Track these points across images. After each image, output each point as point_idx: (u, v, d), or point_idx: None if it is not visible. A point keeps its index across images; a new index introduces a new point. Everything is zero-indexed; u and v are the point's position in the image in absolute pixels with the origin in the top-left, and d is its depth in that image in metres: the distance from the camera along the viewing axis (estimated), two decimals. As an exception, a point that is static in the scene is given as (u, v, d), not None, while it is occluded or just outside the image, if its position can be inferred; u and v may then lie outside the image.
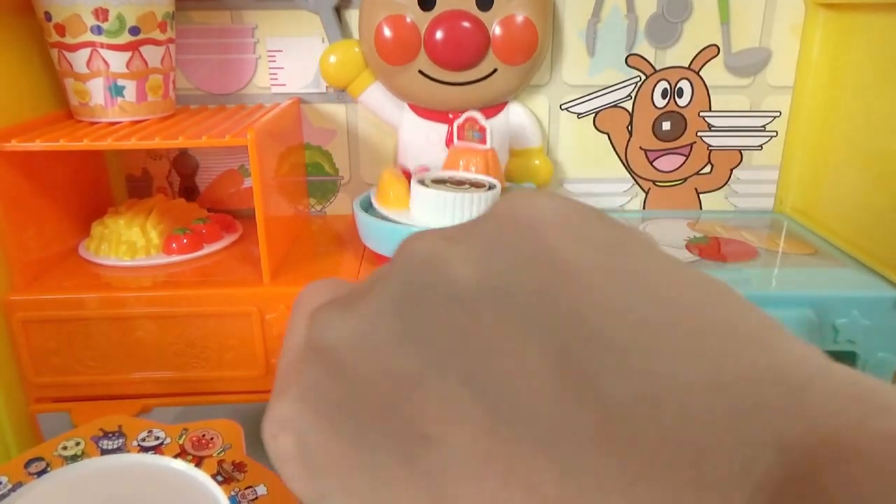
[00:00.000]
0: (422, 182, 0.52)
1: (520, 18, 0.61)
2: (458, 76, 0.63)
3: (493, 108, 0.66)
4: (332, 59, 0.64)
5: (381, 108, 0.66)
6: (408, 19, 0.61)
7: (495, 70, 0.63)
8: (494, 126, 0.66)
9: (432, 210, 0.51)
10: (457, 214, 0.50)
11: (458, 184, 0.53)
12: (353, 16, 0.64)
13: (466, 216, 0.50)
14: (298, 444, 0.14)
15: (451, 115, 0.65)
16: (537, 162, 0.68)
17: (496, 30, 0.61)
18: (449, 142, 0.66)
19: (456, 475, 0.11)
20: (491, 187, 0.51)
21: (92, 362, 0.54)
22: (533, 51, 0.62)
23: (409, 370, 0.12)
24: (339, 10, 0.64)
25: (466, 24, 0.60)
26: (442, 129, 0.66)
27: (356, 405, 0.13)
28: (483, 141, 0.55)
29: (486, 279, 0.12)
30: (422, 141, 0.66)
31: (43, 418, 0.54)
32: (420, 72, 0.63)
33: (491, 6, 0.61)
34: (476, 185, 0.52)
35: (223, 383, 0.55)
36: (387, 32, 0.61)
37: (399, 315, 0.13)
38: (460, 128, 0.56)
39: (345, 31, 0.65)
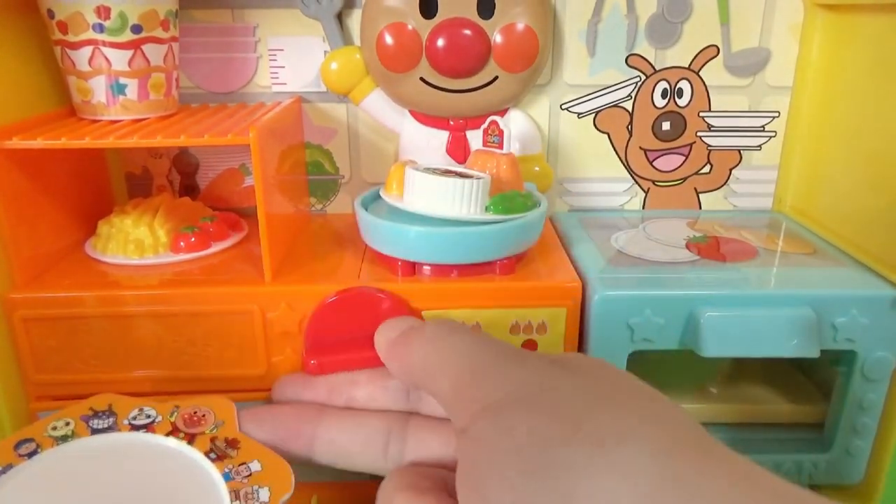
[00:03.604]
0: (415, 169, 0.53)
1: (521, 26, 0.61)
2: (460, 83, 0.63)
3: (493, 114, 0.66)
4: (334, 65, 0.64)
5: (382, 114, 0.66)
6: (409, 27, 0.61)
7: (496, 77, 0.63)
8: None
9: (421, 193, 0.52)
10: (442, 198, 0.51)
11: (458, 174, 0.53)
12: (354, 22, 0.64)
13: (456, 201, 0.51)
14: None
15: (451, 122, 0.66)
16: (537, 168, 0.68)
17: (497, 37, 0.61)
18: (449, 148, 0.66)
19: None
20: (478, 178, 0.52)
21: (93, 360, 0.54)
22: (534, 58, 0.62)
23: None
24: (340, 17, 0.64)
25: (468, 31, 0.61)
26: (443, 135, 0.66)
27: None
28: (500, 146, 0.56)
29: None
30: (422, 147, 0.66)
31: (44, 416, 0.54)
32: (421, 79, 0.63)
33: (492, 14, 0.61)
34: (465, 176, 0.52)
35: (224, 382, 0.55)
36: (388, 40, 0.61)
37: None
38: (485, 132, 0.56)
39: (346, 38, 0.65)
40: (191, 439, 0.42)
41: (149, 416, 0.44)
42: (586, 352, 0.54)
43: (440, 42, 0.61)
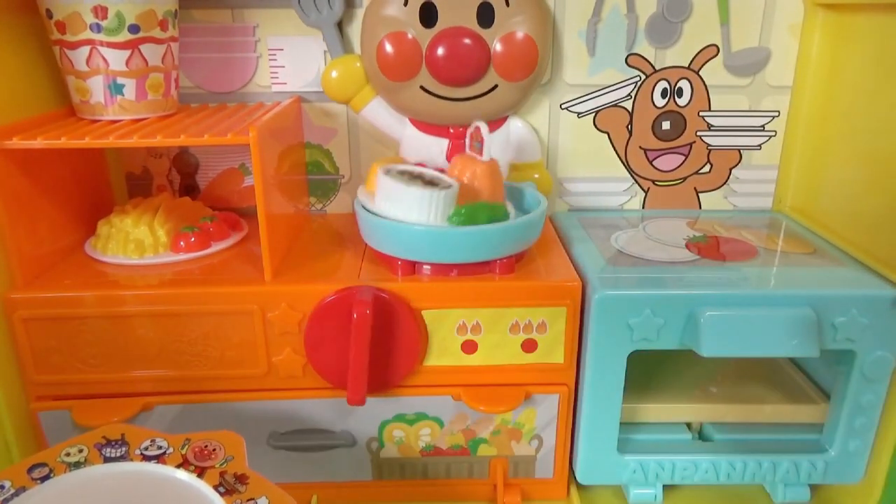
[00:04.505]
0: (387, 172, 0.53)
1: (520, 35, 0.61)
2: (460, 92, 0.63)
3: (493, 122, 0.66)
4: (334, 74, 0.64)
5: (382, 122, 0.67)
6: (409, 35, 0.61)
7: (496, 86, 0.63)
8: (495, 140, 0.66)
9: (386, 198, 0.52)
10: (405, 205, 0.52)
11: (427, 180, 0.53)
12: (354, 31, 0.64)
13: (414, 209, 0.51)
14: None
15: (451, 130, 0.66)
16: (537, 175, 0.68)
17: (497, 46, 0.62)
18: (450, 156, 0.66)
19: None
20: (444, 189, 0.52)
21: (93, 360, 0.54)
22: (533, 67, 0.62)
23: None
24: (340, 26, 0.64)
25: (467, 40, 0.61)
26: (442, 143, 0.66)
27: None
28: (482, 153, 0.55)
29: None
30: (422, 155, 0.66)
31: (44, 416, 0.54)
32: (421, 87, 0.63)
33: (492, 23, 0.61)
34: (434, 183, 0.53)
35: (224, 382, 0.55)
36: (388, 48, 0.61)
37: None
38: (471, 137, 0.56)
39: (346, 46, 0.65)
40: (201, 472, 0.42)
41: (160, 448, 0.44)
42: (586, 351, 0.54)
43: (440, 51, 0.61)
